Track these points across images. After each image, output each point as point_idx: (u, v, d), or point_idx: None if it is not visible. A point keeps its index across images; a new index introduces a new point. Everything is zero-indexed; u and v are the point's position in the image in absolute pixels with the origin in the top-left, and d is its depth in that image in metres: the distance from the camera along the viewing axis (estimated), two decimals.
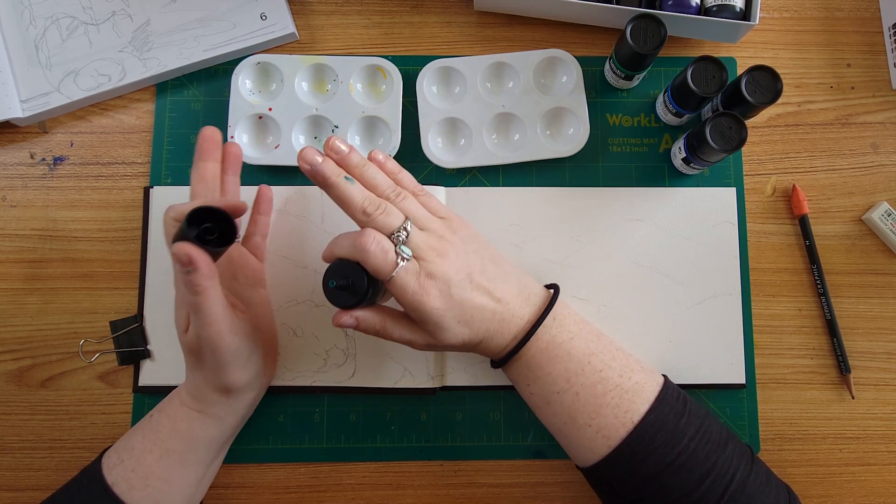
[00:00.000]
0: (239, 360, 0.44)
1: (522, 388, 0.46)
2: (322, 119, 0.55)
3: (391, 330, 0.43)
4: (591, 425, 0.43)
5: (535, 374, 0.44)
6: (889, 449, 0.54)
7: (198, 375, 0.46)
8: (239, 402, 0.48)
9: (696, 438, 0.42)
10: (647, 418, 0.42)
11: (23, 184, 0.55)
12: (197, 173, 0.48)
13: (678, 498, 0.40)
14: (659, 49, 0.49)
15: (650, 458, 0.41)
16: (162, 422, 0.46)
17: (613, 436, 0.42)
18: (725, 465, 0.41)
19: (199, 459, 0.46)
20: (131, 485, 0.43)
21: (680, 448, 0.41)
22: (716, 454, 0.41)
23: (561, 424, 0.44)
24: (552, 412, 0.45)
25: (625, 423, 0.42)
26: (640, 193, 0.56)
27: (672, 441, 0.41)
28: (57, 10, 0.55)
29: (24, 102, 0.54)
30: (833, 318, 0.54)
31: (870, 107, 0.58)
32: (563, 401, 0.44)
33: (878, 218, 0.55)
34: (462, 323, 0.42)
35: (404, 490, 0.53)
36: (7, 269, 0.54)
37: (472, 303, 0.42)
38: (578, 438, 0.44)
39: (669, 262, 0.55)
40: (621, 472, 0.42)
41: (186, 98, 0.57)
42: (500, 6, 0.57)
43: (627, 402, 0.43)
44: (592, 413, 0.43)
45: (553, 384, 0.44)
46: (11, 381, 0.53)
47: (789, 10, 0.59)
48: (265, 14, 0.56)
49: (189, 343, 0.44)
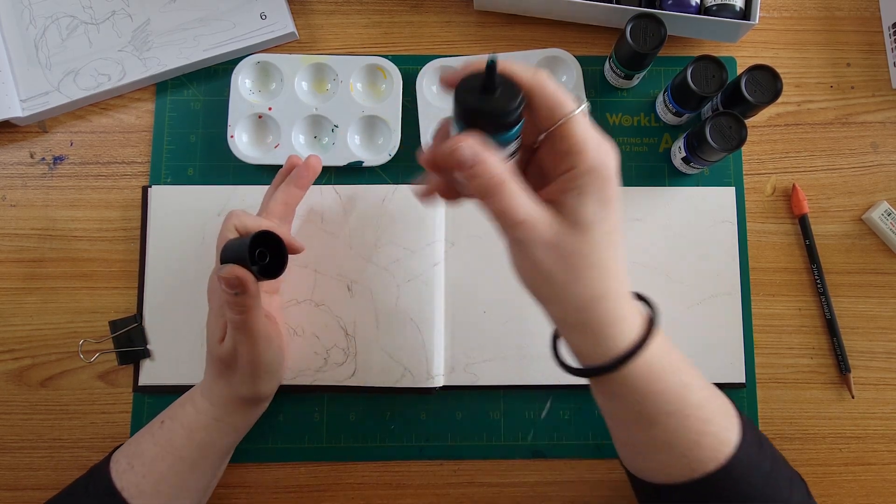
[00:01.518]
0: (270, 372, 0.45)
1: (626, 403, 0.36)
2: (322, 118, 0.55)
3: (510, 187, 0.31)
4: (686, 455, 0.36)
5: (654, 385, 0.34)
6: (889, 448, 0.54)
7: (223, 384, 0.45)
8: (259, 410, 0.48)
9: (772, 473, 0.36)
10: (736, 455, 0.36)
11: (23, 183, 0.55)
12: (282, 196, 0.47)
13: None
14: (659, 49, 0.49)
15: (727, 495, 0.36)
16: (176, 430, 0.45)
17: (699, 469, 0.36)
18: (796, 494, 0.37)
19: (211, 466, 0.46)
20: (141, 490, 0.43)
21: (757, 481, 0.36)
22: (786, 488, 0.37)
23: (653, 449, 0.37)
24: (650, 435, 0.36)
25: (716, 457, 0.35)
26: (639, 193, 0.56)
27: (753, 478, 0.36)
28: (57, 10, 0.55)
29: (24, 102, 0.54)
30: (833, 317, 0.54)
31: (870, 106, 0.58)
32: (669, 423, 0.35)
33: (878, 217, 0.55)
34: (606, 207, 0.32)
35: (404, 490, 0.53)
36: (7, 268, 0.54)
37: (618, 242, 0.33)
38: (661, 465, 0.37)
39: (669, 261, 0.55)
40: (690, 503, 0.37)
41: (186, 98, 0.57)
42: (499, 6, 0.57)
43: (724, 430, 0.36)
44: (692, 443, 0.35)
45: (667, 403, 0.35)
46: (11, 381, 0.53)
47: (789, 9, 0.59)
48: (265, 13, 0.56)
49: (223, 354, 0.44)
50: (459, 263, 0.54)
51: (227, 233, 0.43)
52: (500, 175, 0.31)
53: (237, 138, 0.54)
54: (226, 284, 0.40)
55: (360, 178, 0.56)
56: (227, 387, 0.45)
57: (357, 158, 0.55)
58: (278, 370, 0.48)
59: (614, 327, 0.33)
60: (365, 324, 0.53)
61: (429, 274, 0.53)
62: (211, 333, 0.45)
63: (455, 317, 0.53)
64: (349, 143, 0.55)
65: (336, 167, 0.55)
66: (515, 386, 0.53)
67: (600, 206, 0.32)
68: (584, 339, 0.34)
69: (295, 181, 0.48)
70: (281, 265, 0.44)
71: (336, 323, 0.53)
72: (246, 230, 0.44)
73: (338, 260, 0.53)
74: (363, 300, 0.53)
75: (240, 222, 0.44)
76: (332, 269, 0.53)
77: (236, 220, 0.44)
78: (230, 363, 0.44)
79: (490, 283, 0.54)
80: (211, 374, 0.46)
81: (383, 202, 0.54)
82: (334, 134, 0.55)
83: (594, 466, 0.53)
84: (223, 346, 0.44)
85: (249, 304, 0.41)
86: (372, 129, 0.56)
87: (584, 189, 0.32)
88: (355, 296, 0.53)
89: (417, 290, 0.53)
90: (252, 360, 0.43)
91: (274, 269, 0.43)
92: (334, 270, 0.53)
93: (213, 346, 0.45)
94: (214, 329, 0.44)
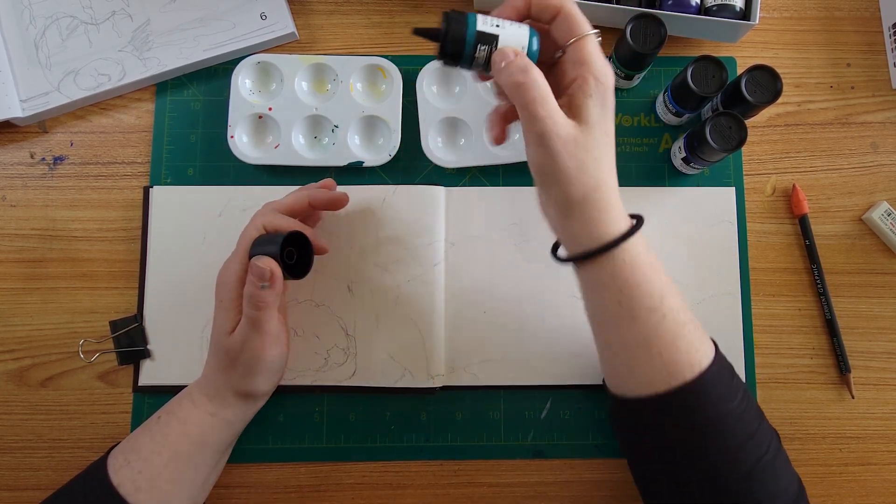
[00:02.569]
0: (271, 370, 0.46)
1: (609, 294, 0.40)
2: (322, 119, 0.55)
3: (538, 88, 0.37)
4: (662, 356, 0.39)
5: (636, 278, 0.39)
6: (889, 449, 0.54)
7: (222, 378, 0.46)
8: (254, 407, 0.48)
9: (744, 401, 0.40)
10: (710, 368, 0.40)
11: (23, 183, 0.55)
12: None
13: (713, 455, 0.39)
14: (659, 49, 0.49)
15: (702, 410, 0.39)
16: (171, 424, 0.45)
17: (677, 375, 0.39)
18: (763, 435, 0.40)
19: (206, 462, 0.46)
20: (138, 486, 0.43)
21: (731, 406, 0.40)
22: (757, 420, 0.41)
23: (634, 346, 0.40)
24: (631, 331, 0.40)
25: (692, 365, 0.40)
26: (639, 193, 0.56)
27: (727, 396, 0.40)
28: (57, 10, 0.55)
29: (24, 102, 0.54)
30: (833, 317, 0.54)
31: (870, 106, 0.58)
32: (649, 320, 0.39)
33: (878, 218, 0.55)
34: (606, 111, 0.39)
35: (404, 490, 0.53)
36: (7, 268, 0.54)
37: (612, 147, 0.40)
38: (641, 367, 0.40)
39: (669, 261, 0.54)
40: (666, 416, 0.40)
41: (186, 98, 0.57)
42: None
43: (698, 340, 0.41)
44: (669, 344, 0.39)
45: (648, 297, 0.39)
46: (11, 381, 0.53)
47: (789, 9, 0.59)
48: (265, 14, 0.56)
49: (230, 346, 0.44)
50: (459, 263, 0.54)
51: (253, 230, 0.44)
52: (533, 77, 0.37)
53: (237, 138, 0.54)
54: (257, 275, 0.41)
55: (360, 178, 0.56)
56: (226, 381, 0.46)
57: (357, 158, 0.55)
58: (280, 369, 0.48)
59: (608, 213, 0.39)
60: (365, 324, 0.53)
61: (429, 274, 0.53)
62: (219, 326, 0.45)
63: (455, 317, 0.53)
64: (349, 143, 0.55)
65: (336, 167, 0.55)
66: (515, 386, 0.53)
67: (602, 108, 0.38)
68: (583, 225, 0.39)
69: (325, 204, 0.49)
70: (307, 267, 0.45)
71: (336, 323, 0.53)
72: (275, 229, 0.45)
73: (338, 260, 0.53)
74: (363, 300, 0.53)
75: (269, 221, 0.45)
76: (332, 269, 0.53)
77: (266, 219, 0.45)
78: (235, 357, 0.44)
79: (490, 283, 0.54)
80: (212, 367, 0.46)
81: (383, 202, 0.54)
82: (334, 134, 0.55)
83: (594, 466, 0.53)
84: (232, 338, 0.44)
85: (271, 300, 0.42)
86: (372, 129, 0.56)
87: (589, 93, 0.38)
88: (355, 296, 0.53)
89: (417, 290, 0.53)
90: (258, 356, 0.44)
91: (300, 270, 0.45)
92: (334, 270, 0.53)
93: (220, 338, 0.45)
94: (223, 322, 0.44)
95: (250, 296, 0.42)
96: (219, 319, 0.45)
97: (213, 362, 0.46)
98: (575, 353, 0.53)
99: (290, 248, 0.44)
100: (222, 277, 0.45)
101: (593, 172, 0.38)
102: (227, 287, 0.44)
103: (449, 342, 0.53)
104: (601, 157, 0.39)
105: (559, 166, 0.38)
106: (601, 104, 0.38)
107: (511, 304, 0.54)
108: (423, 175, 0.56)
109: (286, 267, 0.43)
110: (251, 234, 0.44)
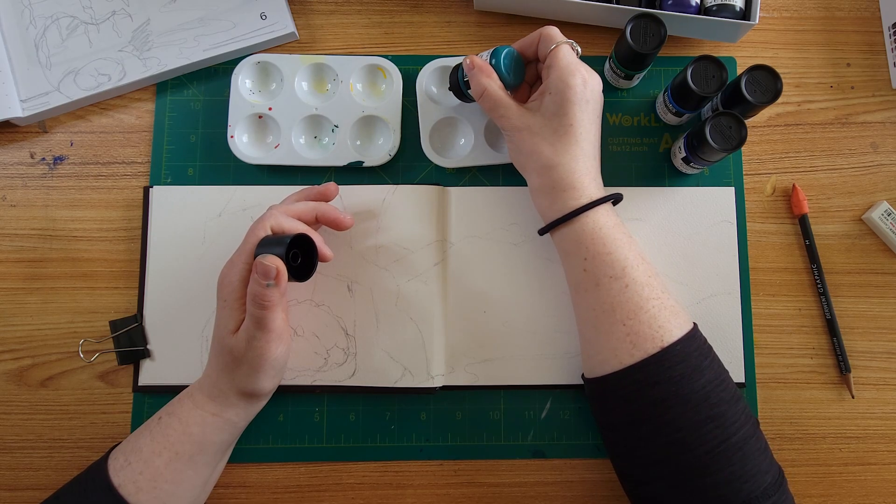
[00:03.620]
0: (275, 368, 0.46)
1: (575, 261, 0.46)
2: (322, 119, 0.55)
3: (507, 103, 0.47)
4: (625, 324, 0.43)
5: (597, 248, 0.44)
6: (889, 448, 0.54)
7: (225, 377, 0.46)
8: (256, 407, 0.48)
9: (713, 383, 0.42)
10: (675, 346, 0.42)
11: (23, 183, 0.55)
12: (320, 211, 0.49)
13: (677, 430, 0.41)
14: (659, 49, 0.49)
15: (665, 384, 0.41)
16: (172, 425, 0.45)
17: (641, 347, 0.42)
18: (733, 417, 0.42)
19: (207, 462, 0.46)
20: (139, 487, 0.43)
21: (696, 385, 0.42)
22: (726, 404, 0.42)
23: (599, 313, 0.44)
24: (595, 297, 0.44)
25: (654, 339, 0.42)
26: (639, 193, 0.56)
27: (691, 376, 0.42)
28: (57, 10, 0.55)
29: (24, 102, 0.54)
30: (833, 317, 0.54)
31: (870, 106, 0.58)
32: (612, 287, 0.44)
33: (878, 217, 0.55)
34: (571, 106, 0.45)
35: (404, 490, 0.53)
36: (7, 268, 0.54)
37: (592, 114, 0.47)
38: (607, 335, 0.44)
39: (669, 261, 0.55)
40: (631, 389, 0.43)
41: (186, 98, 0.57)
42: (500, 6, 0.57)
43: (664, 318, 0.43)
44: (631, 313, 0.43)
45: (610, 266, 0.44)
46: (11, 381, 0.53)
47: (789, 9, 0.59)
48: (265, 13, 0.56)
49: (234, 345, 0.44)
50: (459, 263, 0.54)
51: (259, 230, 0.44)
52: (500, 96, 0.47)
53: (237, 138, 0.54)
54: (262, 273, 0.41)
55: (360, 178, 0.56)
56: (230, 380, 0.45)
57: (357, 158, 0.55)
58: (282, 369, 0.48)
59: (577, 190, 0.45)
60: (365, 324, 0.53)
61: (429, 274, 0.53)
62: (222, 325, 0.45)
63: (455, 317, 0.53)
64: (349, 143, 0.55)
65: (336, 167, 0.55)
66: (515, 386, 0.53)
67: (560, 101, 0.45)
68: (555, 200, 0.46)
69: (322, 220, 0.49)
70: (310, 270, 0.45)
71: (336, 323, 0.53)
72: (282, 231, 0.45)
73: (338, 260, 0.53)
74: (363, 300, 0.53)
75: (276, 223, 0.45)
76: (332, 269, 0.53)
77: (273, 221, 0.45)
78: (240, 356, 0.44)
79: (490, 283, 0.54)
80: (215, 367, 0.46)
81: (383, 202, 0.54)
82: (334, 134, 0.55)
83: (594, 466, 0.53)
84: (236, 337, 0.44)
85: (276, 300, 0.42)
86: (372, 129, 0.56)
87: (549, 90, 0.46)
88: (355, 296, 0.53)
89: (417, 290, 0.53)
90: (262, 355, 0.44)
91: (304, 273, 0.45)
92: (334, 270, 0.53)
93: (223, 337, 0.45)
94: (227, 321, 0.44)
95: (255, 294, 0.42)
96: (222, 318, 0.45)
97: (216, 362, 0.46)
98: (575, 353, 0.53)
99: (295, 250, 0.44)
100: (226, 276, 0.45)
101: (549, 155, 0.46)
102: (232, 286, 0.44)
103: (449, 342, 0.53)
104: (557, 141, 0.45)
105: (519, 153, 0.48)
106: (560, 98, 0.45)
107: (511, 304, 0.54)
108: (423, 175, 0.56)
109: (290, 269, 0.43)
110: (258, 234, 0.44)
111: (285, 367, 0.49)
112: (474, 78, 0.47)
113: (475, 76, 0.47)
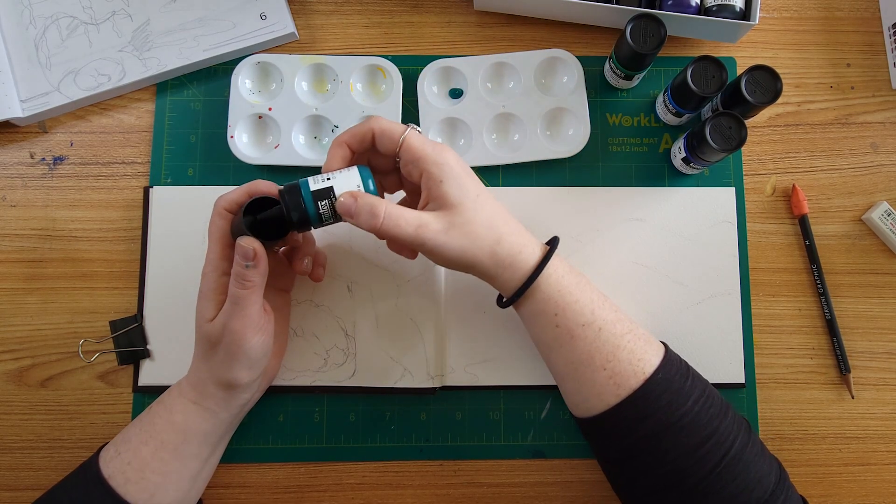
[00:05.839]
0: (250, 359, 0.45)
1: (545, 320, 0.44)
2: (322, 119, 0.55)
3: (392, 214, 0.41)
4: (605, 368, 0.43)
5: (564, 299, 0.43)
6: (889, 449, 0.54)
7: (204, 366, 0.46)
8: (235, 399, 0.48)
9: (700, 402, 0.42)
10: (656, 375, 0.42)
11: (23, 184, 0.55)
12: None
13: (675, 458, 0.41)
14: (659, 49, 0.49)
15: (654, 416, 0.41)
16: (159, 413, 0.46)
17: (624, 385, 0.42)
18: (726, 431, 0.42)
19: (193, 454, 0.46)
20: (127, 477, 0.43)
21: (685, 409, 0.41)
22: (718, 419, 0.42)
23: (578, 364, 0.44)
24: (571, 351, 0.44)
25: (636, 374, 0.42)
26: (639, 193, 0.56)
27: (678, 401, 0.42)
28: (57, 10, 0.55)
29: (24, 102, 0.54)
30: (833, 317, 0.54)
31: (870, 107, 0.58)
32: (586, 336, 0.43)
33: (878, 218, 0.55)
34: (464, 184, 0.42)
35: (404, 490, 0.53)
36: (7, 268, 0.54)
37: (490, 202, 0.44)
38: (591, 383, 0.43)
39: (669, 261, 0.55)
40: (622, 427, 0.43)
41: (186, 98, 0.57)
42: (500, 6, 0.57)
43: (641, 350, 0.43)
44: (609, 355, 0.43)
45: (580, 314, 0.43)
46: (11, 381, 0.53)
47: (789, 10, 0.59)
48: (265, 14, 0.56)
49: (211, 331, 0.44)
50: None
51: (217, 219, 0.44)
52: (383, 211, 0.41)
53: (237, 138, 0.54)
54: (242, 255, 0.41)
55: None
56: (207, 368, 0.46)
57: None
58: (259, 361, 0.46)
59: (517, 257, 0.43)
60: (365, 324, 0.53)
61: (429, 274, 0.53)
62: (200, 314, 0.45)
63: (455, 316, 0.53)
64: None
65: None
66: (515, 386, 0.53)
67: (458, 185, 0.42)
68: (503, 278, 0.44)
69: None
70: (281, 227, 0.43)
71: (336, 323, 0.53)
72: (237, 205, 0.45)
73: (338, 260, 0.53)
74: (363, 300, 0.53)
75: (226, 202, 0.44)
76: (332, 269, 0.53)
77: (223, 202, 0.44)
78: (215, 343, 0.44)
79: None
80: (196, 356, 0.47)
81: None
82: (334, 134, 0.55)
83: (594, 466, 0.53)
84: (213, 324, 0.44)
85: (257, 280, 0.42)
86: None
87: (438, 178, 0.42)
88: (355, 296, 0.53)
89: (417, 290, 0.53)
90: (236, 341, 0.43)
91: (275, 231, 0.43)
92: (334, 270, 0.53)
93: (201, 325, 0.45)
94: (204, 310, 0.45)
95: (236, 274, 0.42)
96: (200, 309, 0.45)
97: (197, 351, 0.47)
98: None
99: (252, 216, 0.43)
100: (206, 267, 0.46)
101: (486, 235, 0.43)
102: (207, 278, 0.45)
103: (449, 342, 0.53)
104: (486, 218, 0.43)
105: (459, 254, 0.42)
106: (454, 181, 0.42)
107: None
108: None
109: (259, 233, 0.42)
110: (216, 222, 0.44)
111: (264, 361, 0.47)
112: (360, 214, 0.41)
113: (375, 222, 0.41)
